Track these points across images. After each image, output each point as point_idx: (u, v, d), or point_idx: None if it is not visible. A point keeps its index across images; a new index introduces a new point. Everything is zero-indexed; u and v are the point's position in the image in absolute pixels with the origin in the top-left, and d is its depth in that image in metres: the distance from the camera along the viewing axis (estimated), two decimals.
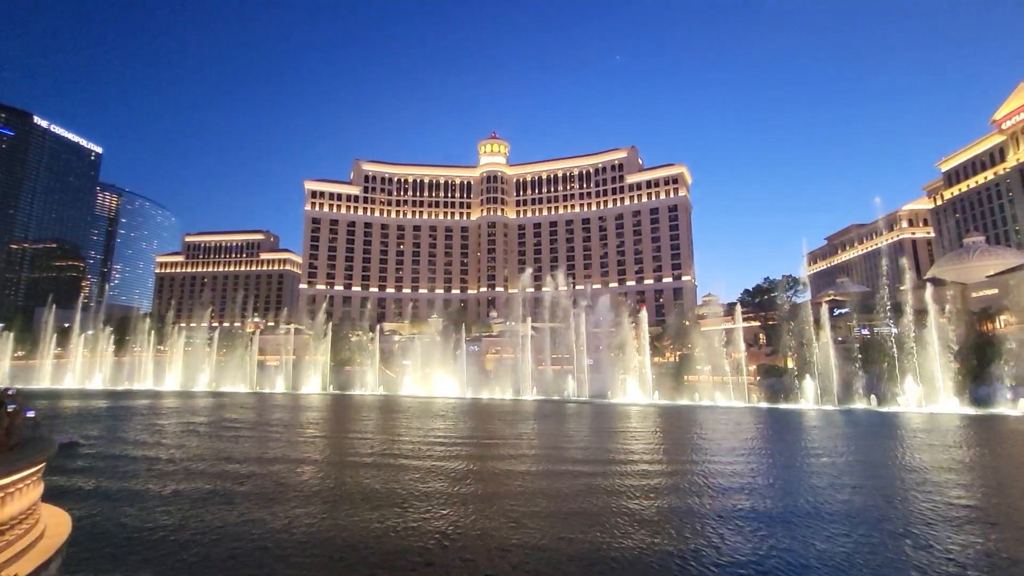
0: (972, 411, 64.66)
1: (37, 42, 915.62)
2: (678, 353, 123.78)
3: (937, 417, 59.19)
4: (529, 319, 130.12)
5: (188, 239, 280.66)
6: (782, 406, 78.90)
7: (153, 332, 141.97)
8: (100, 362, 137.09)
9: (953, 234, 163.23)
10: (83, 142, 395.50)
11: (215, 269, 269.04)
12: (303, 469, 22.83)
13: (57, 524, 11.40)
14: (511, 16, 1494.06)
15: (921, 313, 78.39)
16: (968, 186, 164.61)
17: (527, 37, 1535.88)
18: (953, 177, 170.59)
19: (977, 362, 74.16)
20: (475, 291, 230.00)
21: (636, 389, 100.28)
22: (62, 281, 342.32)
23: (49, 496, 11.62)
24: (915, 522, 16.03)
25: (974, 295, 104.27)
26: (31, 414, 12.51)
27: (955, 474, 24.65)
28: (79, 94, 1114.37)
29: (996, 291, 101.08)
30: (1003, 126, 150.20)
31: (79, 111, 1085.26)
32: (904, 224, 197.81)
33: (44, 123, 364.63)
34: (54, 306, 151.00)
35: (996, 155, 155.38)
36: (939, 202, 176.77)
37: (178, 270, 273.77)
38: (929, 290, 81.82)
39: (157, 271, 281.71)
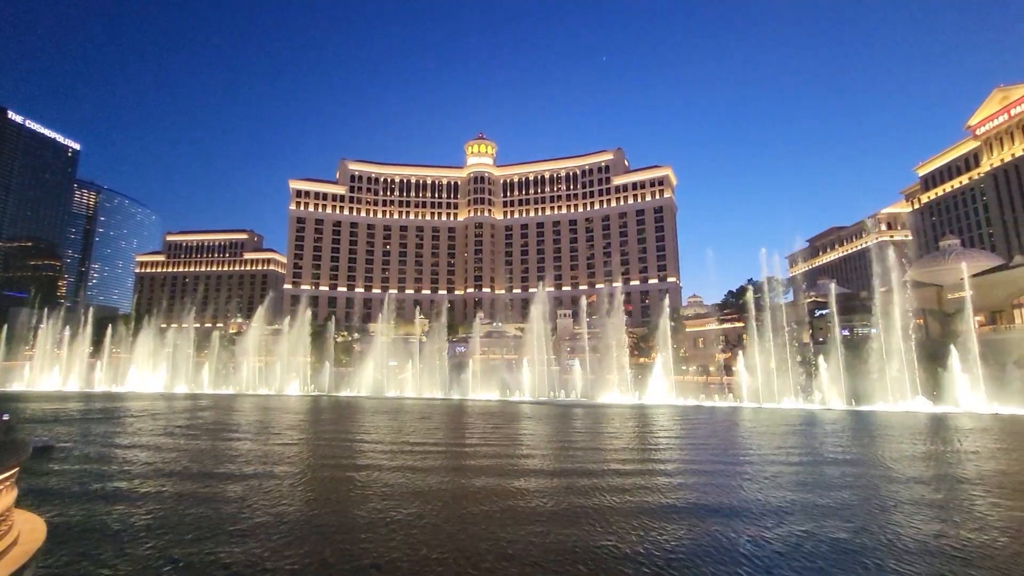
0: (949, 409, 66.27)
1: (11, 35, 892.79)
2: (664, 354, 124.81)
3: (913, 415, 60.60)
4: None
5: (169, 238, 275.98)
6: (767, 405, 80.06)
7: (133, 333, 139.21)
8: (77, 364, 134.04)
9: (930, 237, 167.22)
10: (60, 138, 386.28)
11: (197, 269, 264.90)
12: (269, 483, 22.63)
13: (31, 531, 11.17)
14: (497, 16, 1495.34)
15: (898, 314, 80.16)
16: (944, 190, 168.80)
17: (514, 37, 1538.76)
18: (930, 181, 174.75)
19: (952, 362, 75.93)
20: (462, 292, 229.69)
21: (620, 390, 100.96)
22: (38, 280, 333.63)
23: (21, 501, 11.41)
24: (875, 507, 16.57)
25: (950, 296, 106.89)
26: (6, 417, 12.26)
27: (912, 467, 25.39)
28: (56, 89, 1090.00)
29: (971, 293, 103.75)
30: (977, 132, 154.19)
31: (56, 106, 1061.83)
32: (883, 227, 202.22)
33: (19, 118, 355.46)
34: (30, 307, 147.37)
35: (971, 160, 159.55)
36: (916, 206, 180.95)
37: (159, 270, 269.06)
38: (907, 292, 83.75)
39: (137, 271, 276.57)
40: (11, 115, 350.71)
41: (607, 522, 16.05)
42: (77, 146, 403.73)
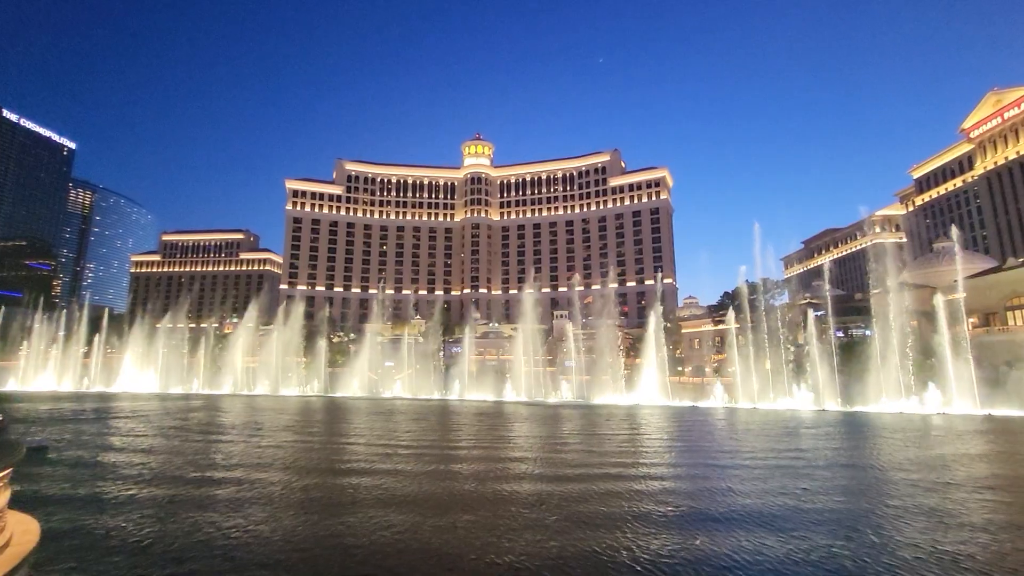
0: (943, 411, 66.66)
1: (7, 33, 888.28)
2: (658, 355, 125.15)
3: (908, 417, 60.98)
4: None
5: (165, 238, 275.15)
6: (762, 406, 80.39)
7: (127, 333, 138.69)
8: (71, 364, 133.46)
9: (924, 239, 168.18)
10: (55, 137, 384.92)
11: (193, 269, 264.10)
12: (260, 487, 22.73)
13: (24, 532, 11.17)
14: (494, 17, 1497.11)
15: (892, 316, 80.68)
16: (939, 192, 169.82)
17: (511, 38, 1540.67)
18: (924, 184, 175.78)
19: (946, 364, 76.41)
20: (458, 292, 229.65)
21: (616, 391, 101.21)
22: (33, 280, 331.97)
23: (15, 502, 11.44)
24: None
25: (944, 298, 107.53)
26: None
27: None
28: (52, 87, 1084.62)
29: (964, 295, 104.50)
30: (971, 135, 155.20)
31: (52, 105, 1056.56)
32: (877, 229, 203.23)
33: (14, 117, 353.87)
34: (24, 307, 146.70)
35: (965, 163, 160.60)
36: (911, 208, 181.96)
37: (154, 269, 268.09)
38: (902, 293, 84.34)
39: (132, 270, 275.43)
40: (6, 113, 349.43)
41: (597, 527, 16.16)
42: (73, 145, 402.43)
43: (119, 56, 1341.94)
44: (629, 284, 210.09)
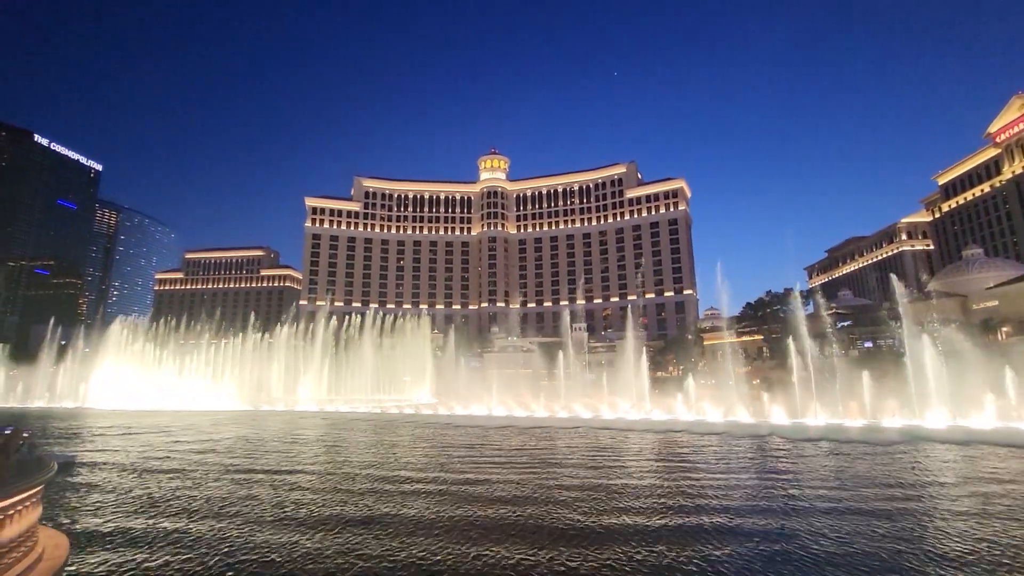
0: (984, 425, 63.77)
1: (36, 59, 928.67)
2: (680, 368, 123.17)
3: (954, 431, 58.38)
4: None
5: (188, 256, 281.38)
6: (791, 421, 77.93)
7: (152, 350, 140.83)
8: (96, 380, 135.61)
9: (952, 246, 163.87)
10: (83, 159, 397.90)
11: (215, 286, 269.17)
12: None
13: (55, 547, 11.08)
14: (509, 31, 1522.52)
15: (922, 326, 78.14)
16: (965, 199, 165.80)
17: (526, 52, 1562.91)
18: (950, 190, 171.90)
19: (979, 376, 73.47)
20: (476, 307, 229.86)
21: (636, 406, 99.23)
22: (60, 299, 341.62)
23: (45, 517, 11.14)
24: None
25: (975, 307, 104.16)
26: (26, 433, 12.18)
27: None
28: (79, 110, 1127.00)
29: (996, 303, 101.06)
30: (997, 139, 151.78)
31: (78, 127, 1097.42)
32: (903, 237, 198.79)
33: (44, 141, 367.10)
34: (56, 324, 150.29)
35: (991, 168, 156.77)
36: (937, 215, 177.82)
37: (177, 287, 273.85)
38: (931, 302, 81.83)
39: (156, 288, 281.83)
40: (37, 138, 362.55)
41: None
42: (99, 167, 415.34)
43: (142, 78, 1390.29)
44: (648, 296, 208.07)
